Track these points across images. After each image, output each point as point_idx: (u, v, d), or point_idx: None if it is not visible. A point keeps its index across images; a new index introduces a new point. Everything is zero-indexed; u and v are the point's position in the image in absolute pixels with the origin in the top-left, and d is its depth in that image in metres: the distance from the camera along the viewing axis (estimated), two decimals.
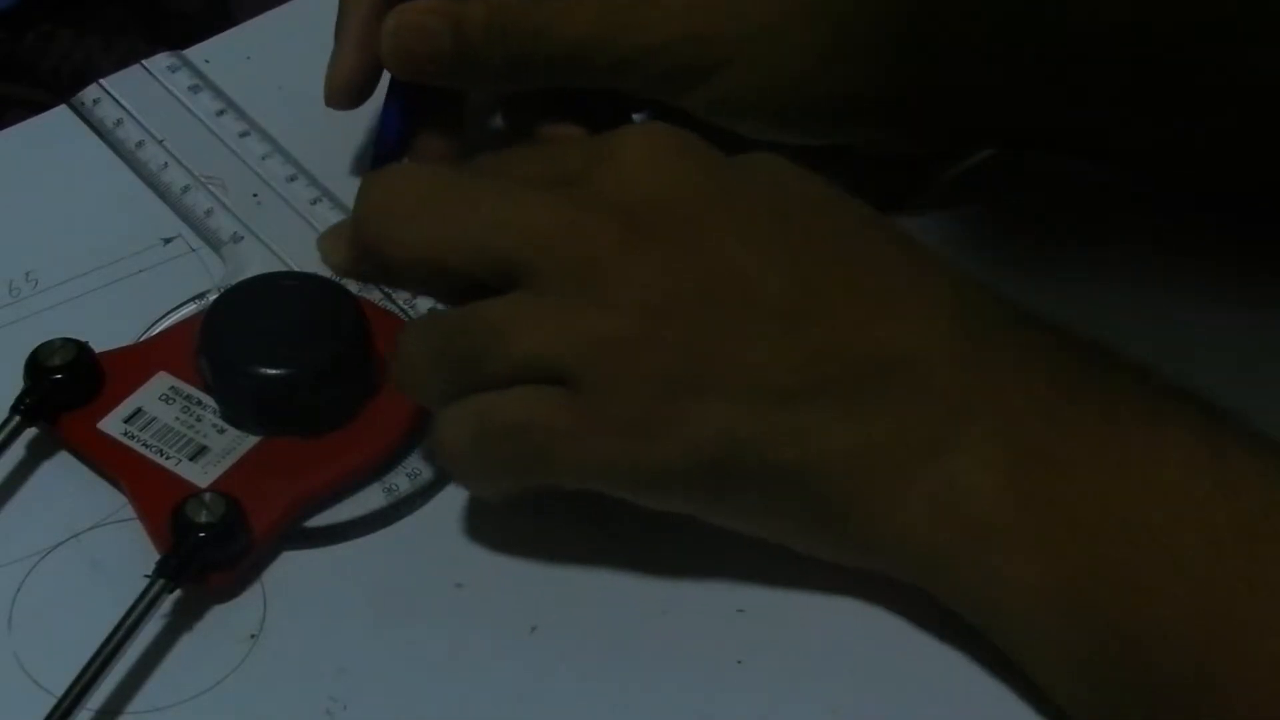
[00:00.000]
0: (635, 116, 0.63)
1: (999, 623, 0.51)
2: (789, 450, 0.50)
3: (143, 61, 0.68)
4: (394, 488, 0.56)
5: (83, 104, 0.67)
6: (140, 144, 0.66)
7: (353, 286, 0.59)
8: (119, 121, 0.67)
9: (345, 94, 0.61)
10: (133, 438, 0.56)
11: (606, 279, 0.51)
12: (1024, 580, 0.49)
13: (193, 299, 0.61)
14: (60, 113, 0.68)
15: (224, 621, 0.54)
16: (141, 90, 0.67)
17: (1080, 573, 0.48)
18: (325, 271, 0.57)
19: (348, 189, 0.62)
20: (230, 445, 0.56)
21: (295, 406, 0.56)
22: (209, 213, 0.63)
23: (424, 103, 0.61)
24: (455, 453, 0.53)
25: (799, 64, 0.59)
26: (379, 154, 0.62)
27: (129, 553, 0.54)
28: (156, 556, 0.53)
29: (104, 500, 0.56)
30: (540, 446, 0.51)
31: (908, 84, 0.60)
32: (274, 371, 0.56)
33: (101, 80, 0.68)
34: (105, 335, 0.59)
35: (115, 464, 0.56)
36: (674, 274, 0.51)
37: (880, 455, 0.50)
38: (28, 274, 0.62)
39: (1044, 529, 0.49)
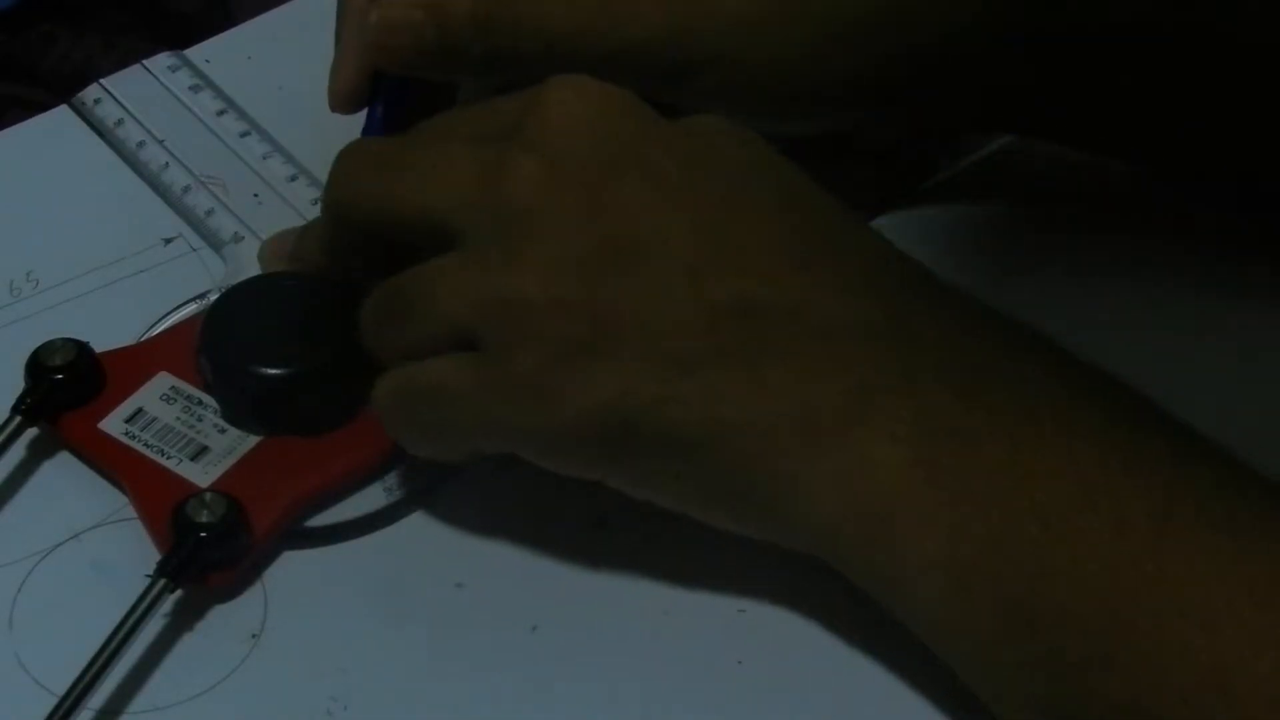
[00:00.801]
0: None
1: (902, 599, 0.50)
2: (689, 415, 0.50)
3: (143, 61, 0.68)
4: (394, 488, 0.56)
5: (83, 104, 0.67)
6: (141, 144, 0.66)
7: None
8: (119, 121, 0.67)
9: (347, 99, 0.61)
10: (134, 438, 0.56)
11: (517, 236, 0.51)
12: (926, 556, 0.49)
13: (193, 299, 0.61)
14: (60, 113, 0.68)
15: (225, 621, 0.54)
16: (142, 90, 0.68)
17: (984, 550, 0.48)
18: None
19: None
20: (231, 445, 0.56)
21: (295, 406, 0.56)
22: (210, 213, 0.64)
23: (412, 94, 0.61)
24: (385, 418, 0.54)
25: (784, 57, 0.59)
26: None
27: (130, 552, 0.55)
28: (157, 556, 0.53)
29: (105, 500, 0.56)
30: (449, 411, 0.52)
31: (895, 72, 0.59)
32: (274, 371, 0.56)
33: (102, 80, 0.68)
34: (106, 335, 0.59)
35: (116, 464, 0.56)
36: (582, 232, 0.51)
37: (784, 424, 0.50)
38: (28, 274, 0.63)
39: (949, 504, 0.48)
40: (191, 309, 0.61)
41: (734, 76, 0.59)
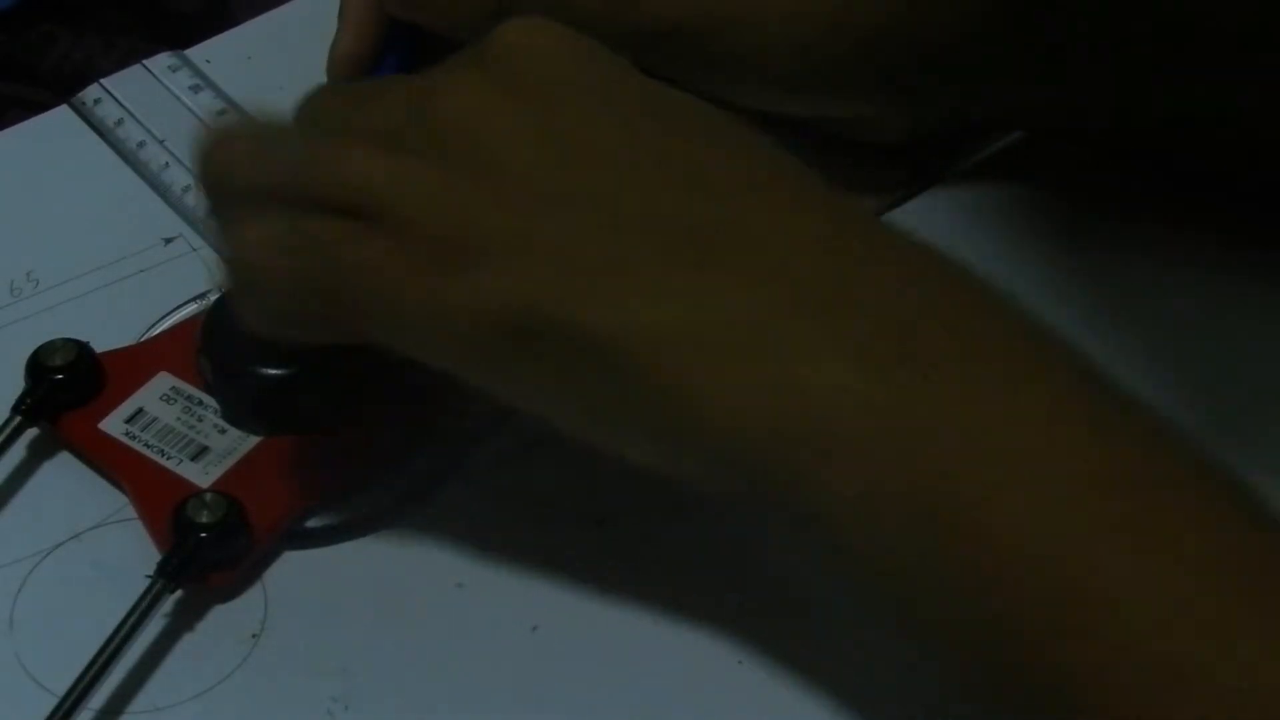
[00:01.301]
0: None
1: (827, 533, 0.46)
2: (592, 319, 0.46)
3: (143, 61, 0.68)
4: (394, 488, 0.56)
5: (83, 104, 0.68)
6: (141, 144, 0.66)
7: None
8: (120, 121, 0.67)
9: (346, 66, 0.61)
10: (134, 438, 0.56)
11: (450, 137, 0.49)
12: (859, 492, 0.45)
13: (194, 299, 0.61)
14: (60, 113, 0.68)
15: (225, 621, 0.54)
16: (142, 90, 0.68)
17: (924, 493, 0.44)
18: None
19: None
20: (231, 445, 0.56)
21: (295, 406, 0.56)
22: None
23: (419, 60, 0.61)
24: (255, 256, 0.50)
25: (798, 29, 0.58)
26: None
27: (130, 553, 0.55)
28: (157, 556, 0.53)
29: (105, 500, 0.56)
30: (344, 269, 0.49)
31: (902, 62, 0.59)
32: (274, 371, 0.56)
33: (102, 80, 0.68)
34: (106, 335, 0.59)
35: (116, 464, 0.56)
36: (518, 137, 0.48)
37: (709, 333, 0.46)
38: (28, 274, 0.63)
39: (890, 437, 0.44)
40: (191, 309, 0.61)
41: (746, 47, 0.58)
